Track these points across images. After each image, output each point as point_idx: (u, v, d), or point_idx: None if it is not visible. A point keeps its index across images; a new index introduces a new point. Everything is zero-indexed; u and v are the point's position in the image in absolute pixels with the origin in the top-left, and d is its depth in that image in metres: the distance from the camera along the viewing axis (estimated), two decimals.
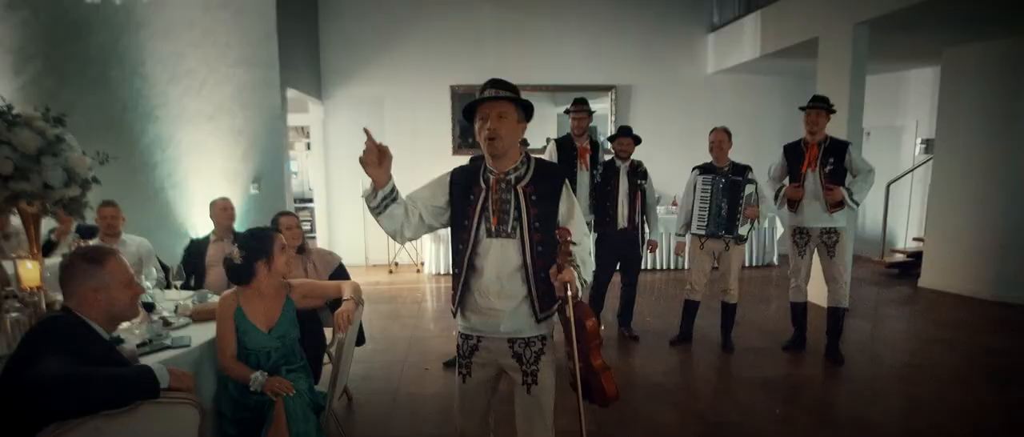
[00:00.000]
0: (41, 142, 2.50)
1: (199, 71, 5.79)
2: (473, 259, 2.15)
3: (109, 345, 1.89)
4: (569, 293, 2.01)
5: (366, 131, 2.02)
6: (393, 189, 2.09)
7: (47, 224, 5.08)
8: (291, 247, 3.60)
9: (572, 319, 2.07)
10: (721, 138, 4.69)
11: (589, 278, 2.13)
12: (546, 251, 2.08)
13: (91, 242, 4.25)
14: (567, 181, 2.20)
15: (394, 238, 2.21)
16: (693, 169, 4.82)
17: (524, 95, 2.14)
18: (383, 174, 2.03)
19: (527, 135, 2.31)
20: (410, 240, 2.26)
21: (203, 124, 5.89)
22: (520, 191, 2.12)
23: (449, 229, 2.23)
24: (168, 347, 2.53)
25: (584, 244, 2.14)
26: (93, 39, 5.66)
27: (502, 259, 2.11)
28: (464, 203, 2.16)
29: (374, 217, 2.13)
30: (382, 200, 2.08)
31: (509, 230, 2.10)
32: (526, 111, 2.14)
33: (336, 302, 2.79)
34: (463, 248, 2.16)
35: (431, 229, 2.26)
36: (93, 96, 5.69)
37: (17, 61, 5.68)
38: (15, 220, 3.93)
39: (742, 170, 4.67)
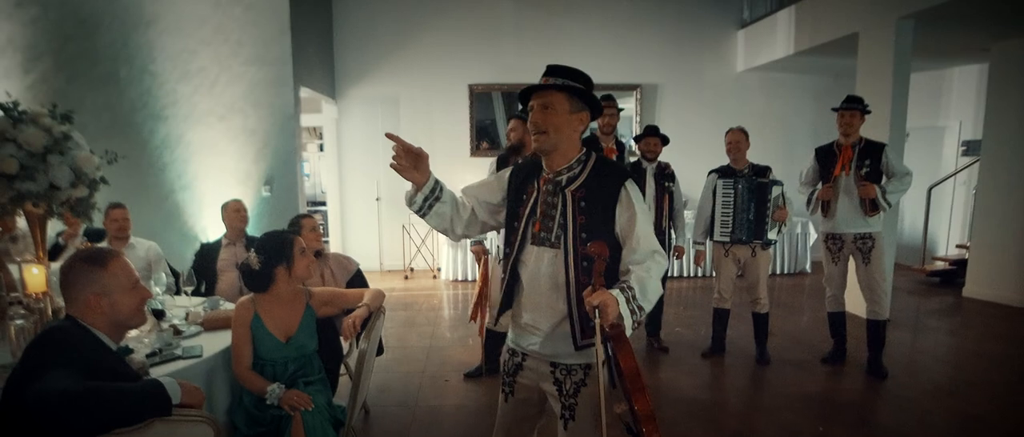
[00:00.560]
0: (48, 140, 2.45)
1: (210, 69, 5.76)
2: (517, 266, 2.02)
3: (117, 356, 1.81)
4: (598, 321, 1.71)
5: (391, 137, 1.90)
6: (436, 187, 1.97)
7: (55, 227, 5.09)
8: (311, 250, 3.54)
9: (598, 355, 1.75)
10: (738, 138, 4.58)
11: (647, 307, 1.82)
12: (590, 266, 1.84)
13: (100, 246, 4.23)
14: (630, 186, 1.95)
15: (446, 235, 2.12)
16: (710, 172, 4.72)
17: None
18: (421, 175, 1.93)
19: None
20: (465, 238, 2.17)
21: (214, 124, 5.86)
22: (568, 195, 1.93)
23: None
24: (179, 357, 2.46)
25: (651, 264, 1.86)
26: (102, 36, 5.66)
27: (543, 271, 1.95)
28: (516, 204, 2.03)
29: (421, 218, 2.03)
30: (424, 201, 1.97)
31: (553, 239, 1.92)
32: (585, 100, 1.93)
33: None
34: (510, 253, 2.02)
35: (486, 227, 2.13)
36: (102, 95, 5.69)
37: (26, 59, 5.69)
38: (21, 222, 3.91)
39: (763, 171, 4.56)
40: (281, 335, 2.54)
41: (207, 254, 4.16)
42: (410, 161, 1.90)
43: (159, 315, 3.06)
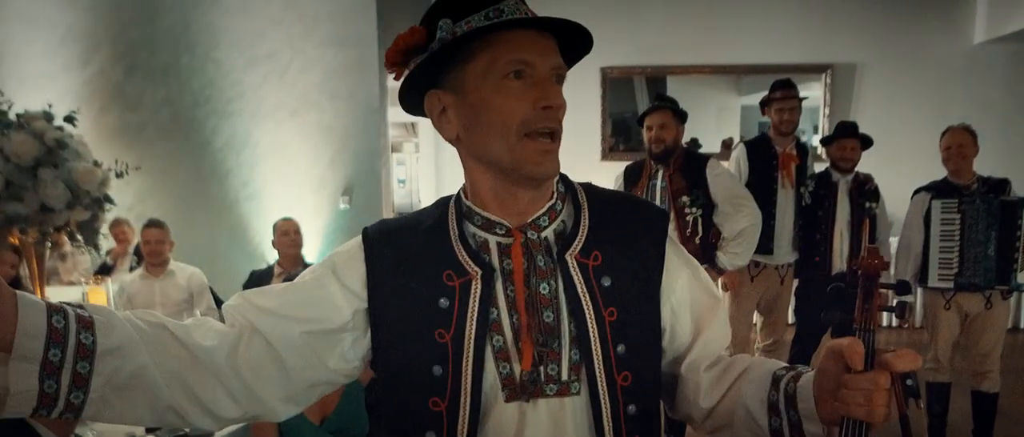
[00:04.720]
0: (38, 149, 2.36)
1: (281, 54, 5.82)
2: None
3: None
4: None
5: None
6: (63, 325, 0.91)
7: (104, 243, 5.29)
8: None
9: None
10: (962, 141, 3.95)
11: None
12: (642, 415, 1.09)
13: (135, 271, 4.29)
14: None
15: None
16: (919, 192, 4.12)
17: (696, 80, 1.18)
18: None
19: (695, 134, 1.51)
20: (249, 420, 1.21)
21: (284, 120, 5.92)
22: (573, 264, 1.11)
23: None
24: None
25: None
26: (162, 20, 5.89)
27: None
28: (423, 318, 1.10)
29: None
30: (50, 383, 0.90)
31: (564, 375, 1.08)
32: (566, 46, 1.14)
33: None
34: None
35: (314, 386, 1.17)
36: (161, 88, 5.92)
37: (85, 50, 6.06)
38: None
39: (999, 186, 3.94)
40: (314, 414, 2.31)
41: (256, 285, 4.08)
42: None
43: None
